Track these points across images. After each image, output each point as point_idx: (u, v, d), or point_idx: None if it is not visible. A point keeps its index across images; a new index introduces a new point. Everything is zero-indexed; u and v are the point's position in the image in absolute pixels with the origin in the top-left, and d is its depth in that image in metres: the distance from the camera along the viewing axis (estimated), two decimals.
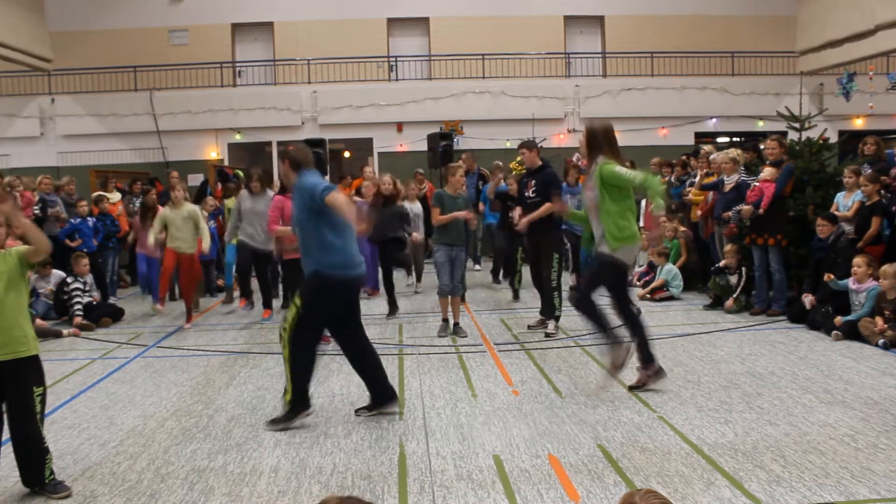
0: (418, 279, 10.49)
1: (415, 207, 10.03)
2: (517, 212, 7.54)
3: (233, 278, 9.85)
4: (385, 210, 8.58)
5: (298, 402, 4.80)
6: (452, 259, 7.46)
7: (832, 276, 7.23)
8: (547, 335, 7.38)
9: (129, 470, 4.14)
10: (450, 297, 7.54)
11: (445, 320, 7.64)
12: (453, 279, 7.47)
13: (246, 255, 8.53)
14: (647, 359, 5.32)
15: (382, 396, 5.00)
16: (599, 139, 5.34)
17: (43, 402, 3.78)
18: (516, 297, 9.58)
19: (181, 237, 8.31)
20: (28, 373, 3.72)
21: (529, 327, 7.72)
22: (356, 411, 5.04)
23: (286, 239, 7.17)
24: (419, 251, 10.47)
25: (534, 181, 7.42)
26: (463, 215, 7.39)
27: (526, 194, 7.47)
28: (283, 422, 4.79)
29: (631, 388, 5.32)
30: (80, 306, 8.60)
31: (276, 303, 9.43)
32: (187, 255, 8.39)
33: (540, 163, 7.51)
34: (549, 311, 7.51)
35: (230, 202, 10.19)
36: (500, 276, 10.83)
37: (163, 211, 8.52)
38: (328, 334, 7.18)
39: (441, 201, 7.41)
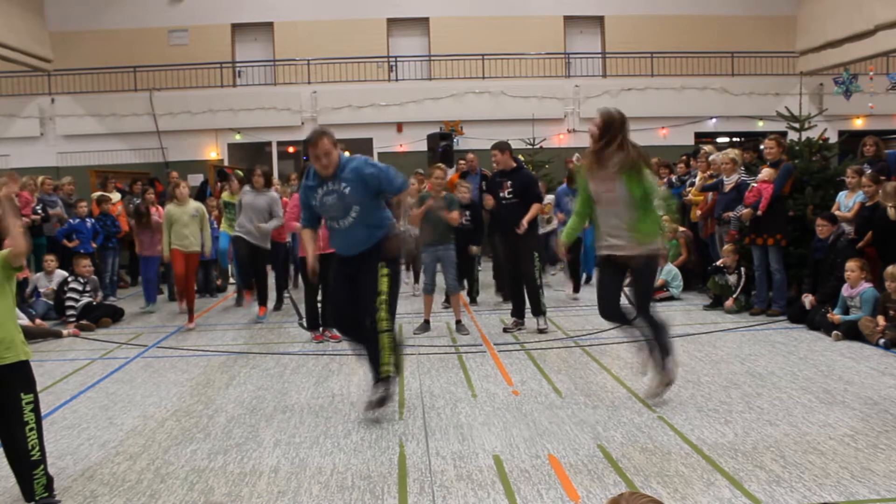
0: (416, 279, 10.46)
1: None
2: (490, 200, 7.60)
3: (227, 264, 9.86)
4: None
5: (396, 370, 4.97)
6: (439, 258, 7.54)
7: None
8: (541, 331, 7.43)
9: (129, 470, 4.14)
10: (435, 297, 7.79)
11: (426, 321, 7.71)
12: (448, 278, 7.62)
13: (243, 250, 8.53)
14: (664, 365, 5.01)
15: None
16: (619, 128, 4.88)
17: (35, 411, 3.56)
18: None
19: (187, 234, 8.30)
20: (14, 379, 3.52)
21: (505, 330, 7.65)
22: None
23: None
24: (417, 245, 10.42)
25: (510, 181, 7.42)
26: (420, 212, 7.46)
27: (501, 195, 7.46)
28: (384, 399, 4.88)
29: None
30: (73, 311, 8.56)
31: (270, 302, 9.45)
32: (194, 254, 8.40)
33: (514, 164, 7.53)
34: (537, 309, 7.51)
35: (225, 196, 10.18)
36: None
37: (168, 208, 8.50)
38: (335, 332, 7.23)
39: (422, 203, 7.58)
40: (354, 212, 4.81)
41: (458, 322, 7.65)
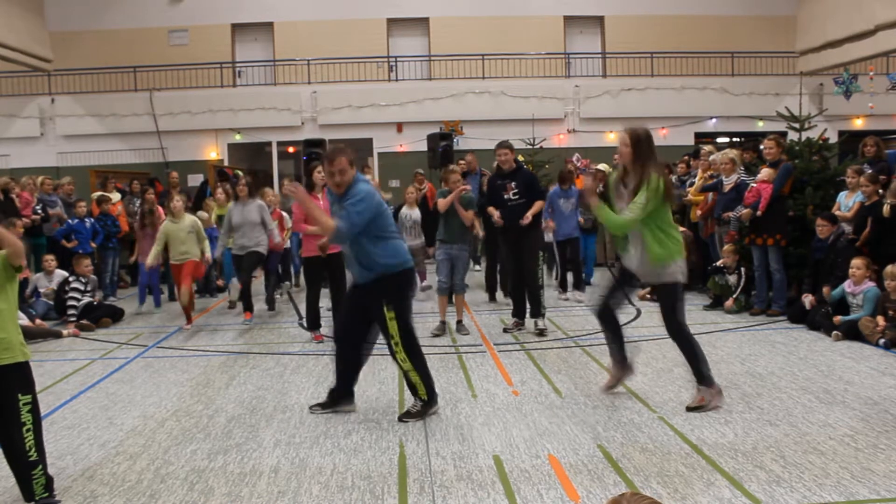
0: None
1: (413, 214, 9.85)
2: (497, 214, 7.52)
3: (231, 281, 9.83)
4: None
5: (432, 397, 4.97)
6: (452, 258, 7.51)
7: (829, 291, 7.11)
8: (541, 332, 7.41)
9: (129, 470, 4.14)
10: (452, 296, 7.68)
11: (443, 322, 7.66)
12: (454, 277, 7.57)
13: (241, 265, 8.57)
14: (703, 377, 4.93)
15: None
16: (646, 148, 4.86)
17: (33, 412, 3.56)
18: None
19: (184, 249, 8.28)
20: (12, 380, 3.52)
21: (505, 330, 7.66)
22: (310, 407, 5.14)
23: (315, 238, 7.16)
24: (419, 257, 10.39)
25: (513, 182, 7.42)
26: (456, 194, 7.41)
27: (506, 196, 7.45)
28: (417, 416, 4.89)
29: (689, 409, 4.88)
30: (74, 310, 8.57)
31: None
32: (193, 262, 8.37)
33: (514, 165, 7.54)
34: (537, 310, 7.48)
35: (217, 209, 10.14)
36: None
37: (164, 225, 8.50)
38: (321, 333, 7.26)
39: (444, 198, 7.55)
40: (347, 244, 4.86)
41: (459, 322, 7.66)
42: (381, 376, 6.01)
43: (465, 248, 7.66)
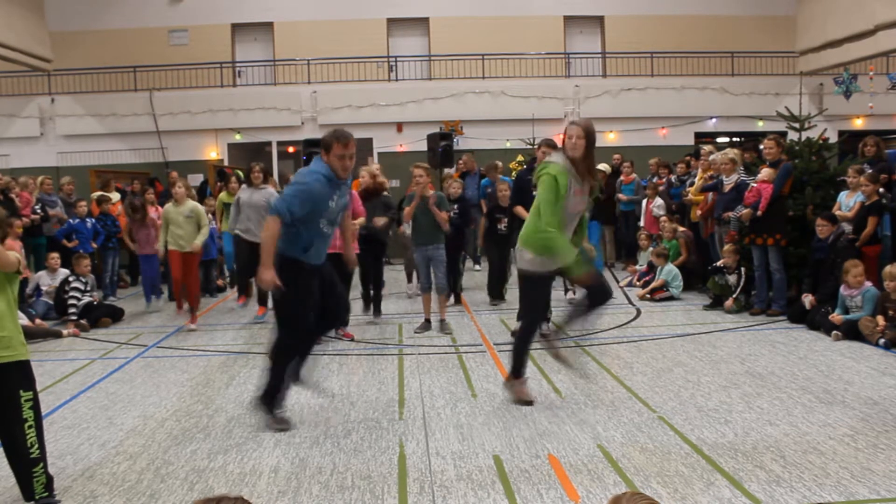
0: (409, 279, 10.38)
1: None
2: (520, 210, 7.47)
3: (233, 265, 9.83)
4: (368, 203, 8.28)
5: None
6: (429, 258, 7.53)
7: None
8: (543, 336, 7.37)
9: (129, 470, 4.14)
10: (434, 296, 7.69)
11: (427, 320, 7.72)
12: (436, 278, 7.57)
13: (243, 250, 8.49)
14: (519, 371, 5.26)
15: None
16: (594, 144, 4.99)
17: (34, 409, 3.57)
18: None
19: (183, 235, 8.25)
20: (13, 377, 3.53)
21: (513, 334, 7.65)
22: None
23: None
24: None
25: None
26: (411, 209, 7.47)
27: (533, 193, 7.39)
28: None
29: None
30: (75, 308, 8.58)
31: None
32: (191, 254, 8.34)
33: None
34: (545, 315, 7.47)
35: (223, 196, 10.14)
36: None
37: (166, 208, 8.49)
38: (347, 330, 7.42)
39: (410, 201, 7.56)
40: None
41: (442, 321, 7.66)
42: (381, 376, 6.01)
43: (441, 247, 7.62)
